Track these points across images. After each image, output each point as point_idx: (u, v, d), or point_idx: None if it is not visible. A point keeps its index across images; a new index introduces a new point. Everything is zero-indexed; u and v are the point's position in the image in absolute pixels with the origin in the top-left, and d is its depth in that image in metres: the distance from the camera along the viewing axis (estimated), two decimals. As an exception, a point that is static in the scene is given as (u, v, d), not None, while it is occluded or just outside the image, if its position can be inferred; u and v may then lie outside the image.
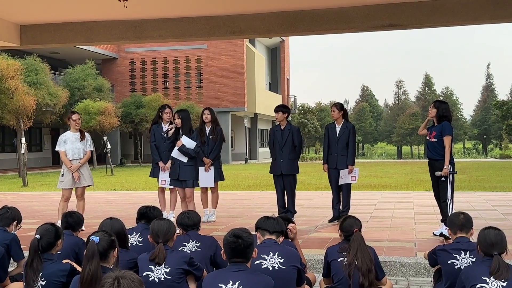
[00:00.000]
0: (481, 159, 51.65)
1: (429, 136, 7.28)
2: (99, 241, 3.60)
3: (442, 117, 7.21)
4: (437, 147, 7.16)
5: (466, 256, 4.25)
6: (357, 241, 4.22)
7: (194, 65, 40.31)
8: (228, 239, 3.56)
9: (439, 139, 7.15)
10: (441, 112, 7.22)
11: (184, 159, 8.10)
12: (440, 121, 7.22)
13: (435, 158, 7.19)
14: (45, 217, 9.43)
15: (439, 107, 7.27)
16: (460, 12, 8.33)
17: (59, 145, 8.36)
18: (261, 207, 10.90)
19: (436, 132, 7.17)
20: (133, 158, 41.03)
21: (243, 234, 3.56)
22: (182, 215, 4.91)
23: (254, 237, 3.71)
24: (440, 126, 7.18)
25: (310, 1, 8.48)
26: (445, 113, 7.22)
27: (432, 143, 7.21)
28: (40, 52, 31.51)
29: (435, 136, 7.17)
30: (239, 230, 3.60)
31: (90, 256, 3.51)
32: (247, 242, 3.54)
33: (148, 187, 16.72)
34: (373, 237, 7.16)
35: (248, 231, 3.64)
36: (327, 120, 67.70)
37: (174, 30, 9.38)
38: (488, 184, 16.95)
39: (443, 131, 7.13)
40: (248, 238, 3.55)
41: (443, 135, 7.13)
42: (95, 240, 3.59)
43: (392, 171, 25.95)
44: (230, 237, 3.56)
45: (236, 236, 3.54)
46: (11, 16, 9.20)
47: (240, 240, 3.52)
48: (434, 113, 7.26)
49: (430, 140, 7.23)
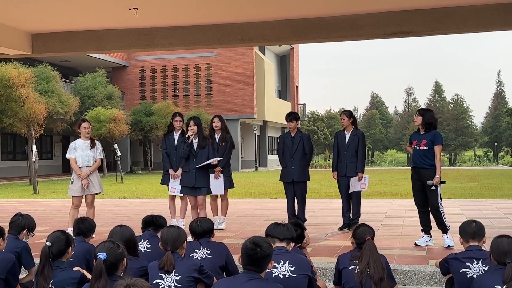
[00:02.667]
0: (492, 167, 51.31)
1: (417, 144, 7.22)
2: (107, 257, 3.58)
3: (428, 124, 7.19)
4: (428, 156, 7.12)
5: (478, 264, 4.21)
6: (370, 249, 4.19)
7: (203, 72, 40.43)
8: (247, 245, 3.52)
9: (430, 148, 7.11)
10: (427, 119, 7.19)
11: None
12: (427, 128, 7.20)
13: (424, 166, 7.14)
14: (56, 225, 9.46)
15: (424, 115, 7.24)
16: (471, 19, 8.30)
17: (70, 152, 8.39)
18: (271, 214, 10.86)
19: (427, 140, 7.14)
20: (143, 165, 41.12)
21: (263, 243, 3.52)
22: (193, 222, 4.90)
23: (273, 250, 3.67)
24: (431, 134, 7.15)
25: (320, 9, 8.49)
26: (430, 120, 7.20)
27: (422, 151, 7.15)
28: (51, 61, 31.74)
29: (426, 144, 7.13)
30: (260, 239, 3.56)
31: (98, 275, 3.49)
32: (265, 253, 3.50)
33: (158, 195, 16.74)
34: (384, 245, 7.11)
35: (269, 242, 3.61)
36: (337, 128, 67.57)
37: (184, 38, 9.42)
38: (499, 192, 16.81)
39: (435, 140, 7.11)
40: (267, 249, 3.51)
41: (434, 144, 7.10)
42: (102, 257, 3.56)
43: (402, 178, 25.80)
44: (249, 243, 3.52)
45: (255, 244, 3.50)
46: (23, 24, 9.29)
47: (258, 248, 3.48)
48: (420, 120, 7.22)
49: (420, 148, 7.17)
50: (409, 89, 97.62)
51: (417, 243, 7.26)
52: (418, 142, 7.21)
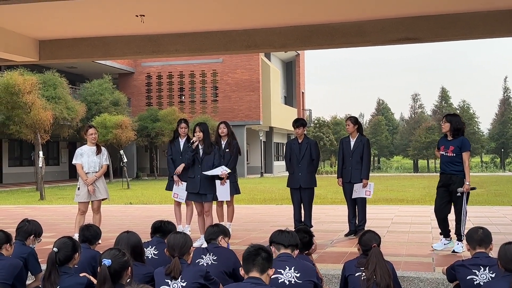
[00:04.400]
0: (499, 173, 51.07)
1: (445, 150, 7.21)
2: (111, 264, 3.59)
3: (457, 130, 7.16)
4: (455, 162, 7.10)
5: (485, 271, 4.19)
6: (376, 256, 4.18)
7: (209, 79, 40.52)
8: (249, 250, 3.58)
9: (458, 154, 7.09)
10: (455, 125, 7.17)
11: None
12: (455, 134, 7.17)
13: (451, 172, 7.13)
14: (62, 230, 9.49)
15: (452, 121, 7.21)
16: (478, 26, 8.28)
17: (76, 158, 8.42)
18: (277, 221, 10.85)
19: (454, 146, 7.11)
20: (149, 171, 41.21)
21: (263, 246, 3.59)
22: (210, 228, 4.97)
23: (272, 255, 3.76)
24: (459, 141, 7.12)
25: (326, 15, 8.50)
26: (459, 126, 7.18)
27: (450, 157, 7.14)
28: (58, 67, 31.89)
29: (453, 150, 7.11)
30: (258, 245, 3.63)
31: (102, 281, 3.50)
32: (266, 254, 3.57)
33: (164, 201, 16.76)
34: (390, 251, 7.08)
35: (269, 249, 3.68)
36: (343, 134, 67.49)
37: (190, 45, 9.44)
38: (506, 199, 16.73)
39: (463, 146, 7.09)
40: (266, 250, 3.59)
41: (462, 151, 7.08)
42: (106, 263, 3.57)
43: (408, 185, 25.75)
44: (251, 248, 3.58)
45: (255, 247, 3.57)
46: (30, 31, 9.34)
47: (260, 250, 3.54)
48: (448, 127, 7.19)
49: (448, 154, 7.16)
50: (415, 95, 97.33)
51: (434, 246, 7.24)
52: (445, 148, 7.19)
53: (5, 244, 4.74)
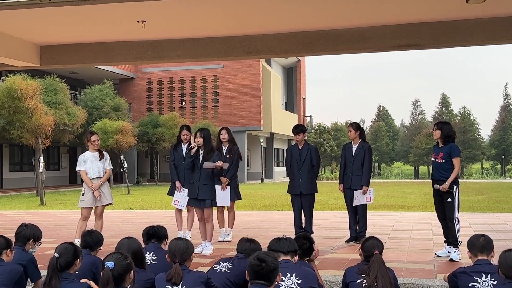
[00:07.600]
0: (499, 180, 51.03)
1: (435, 157, 7.30)
2: (114, 266, 3.58)
3: (447, 137, 7.24)
4: (445, 168, 7.17)
5: (487, 279, 4.18)
6: (377, 264, 4.17)
7: (210, 84, 40.55)
8: (252, 262, 3.54)
9: (447, 160, 7.17)
10: (445, 132, 7.26)
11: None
12: (446, 141, 7.24)
13: (440, 179, 7.19)
14: (63, 236, 9.47)
15: (442, 128, 7.29)
16: (478, 32, 8.30)
17: (80, 165, 8.41)
18: (277, 226, 10.83)
19: (443, 153, 7.20)
20: (149, 177, 41.18)
21: (268, 258, 3.53)
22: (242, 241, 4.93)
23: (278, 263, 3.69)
24: (448, 147, 7.21)
25: (327, 21, 8.52)
26: (449, 133, 7.26)
27: (440, 164, 7.22)
28: (60, 72, 31.93)
29: (442, 157, 7.20)
30: (264, 254, 3.58)
31: (105, 283, 3.49)
32: (271, 267, 3.51)
33: (164, 206, 16.73)
34: (391, 258, 7.06)
35: (274, 256, 3.63)
36: (343, 140, 67.50)
37: (191, 50, 9.46)
38: (507, 205, 16.70)
39: (452, 152, 7.17)
40: (272, 263, 3.53)
41: (452, 157, 7.16)
42: (109, 266, 3.57)
43: (409, 191, 25.72)
44: (254, 260, 3.54)
45: (260, 259, 3.52)
46: (32, 37, 9.36)
47: (263, 264, 3.49)
48: (439, 134, 7.29)
49: (438, 161, 7.24)
50: (416, 101, 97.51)
51: (438, 254, 7.23)
52: (436, 155, 7.29)
53: (5, 250, 4.72)
